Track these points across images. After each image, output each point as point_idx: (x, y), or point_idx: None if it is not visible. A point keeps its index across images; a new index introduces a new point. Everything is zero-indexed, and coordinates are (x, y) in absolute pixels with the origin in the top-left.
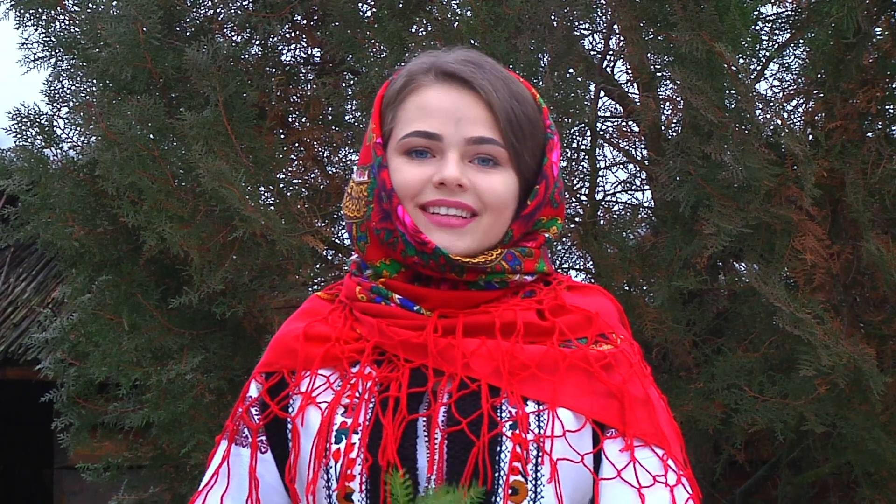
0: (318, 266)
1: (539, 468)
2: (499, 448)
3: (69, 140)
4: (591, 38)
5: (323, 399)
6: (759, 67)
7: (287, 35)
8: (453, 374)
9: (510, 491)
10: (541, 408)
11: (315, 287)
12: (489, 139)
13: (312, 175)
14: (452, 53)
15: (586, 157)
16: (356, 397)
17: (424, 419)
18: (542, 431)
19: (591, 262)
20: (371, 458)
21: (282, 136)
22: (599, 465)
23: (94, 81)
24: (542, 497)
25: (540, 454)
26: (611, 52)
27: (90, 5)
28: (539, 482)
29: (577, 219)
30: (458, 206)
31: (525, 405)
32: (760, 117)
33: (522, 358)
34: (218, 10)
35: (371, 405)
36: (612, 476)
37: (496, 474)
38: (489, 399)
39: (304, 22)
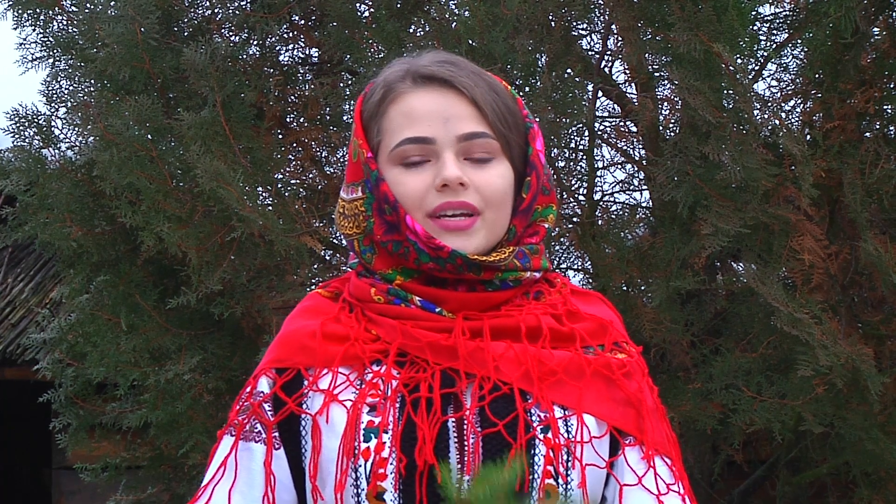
0: (315, 266)
1: (570, 472)
2: (533, 451)
3: (67, 140)
4: (589, 38)
5: (345, 397)
6: (756, 67)
7: (285, 35)
8: (485, 377)
9: (543, 494)
10: (567, 413)
11: (313, 287)
12: (481, 133)
13: (310, 175)
14: (424, 57)
15: (584, 157)
16: (381, 397)
17: (453, 421)
18: (570, 436)
19: (588, 263)
20: (405, 457)
21: (280, 137)
22: (613, 471)
23: (92, 82)
24: (572, 501)
25: (570, 458)
26: (609, 53)
27: (88, 5)
28: (570, 486)
29: (574, 219)
30: (463, 206)
31: (554, 410)
32: (758, 117)
33: (550, 363)
34: (216, 11)
35: (399, 405)
36: (634, 483)
37: (531, 477)
38: (522, 403)
39: (302, 22)
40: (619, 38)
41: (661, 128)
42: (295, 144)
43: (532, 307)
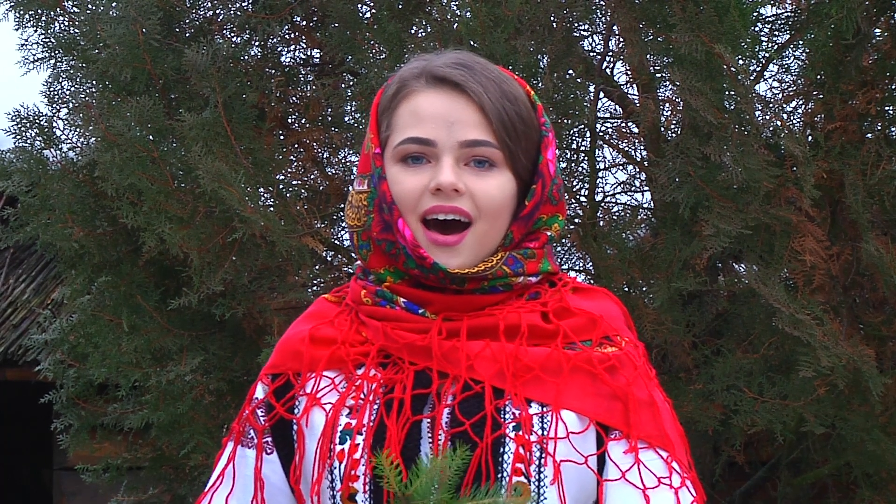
0: (317, 267)
1: (542, 469)
2: (502, 449)
3: (69, 141)
4: (590, 39)
5: (328, 400)
6: (758, 69)
7: (286, 36)
8: (457, 375)
9: (513, 492)
10: (544, 409)
11: (315, 288)
12: (483, 141)
13: (312, 176)
14: (443, 56)
15: (585, 158)
16: (361, 399)
17: (429, 421)
18: (545, 433)
19: (590, 264)
20: (375, 458)
21: (281, 138)
22: (604, 467)
23: (94, 82)
24: (546, 498)
25: (543, 455)
26: (610, 53)
27: (89, 6)
28: (542, 483)
29: (576, 220)
30: (454, 211)
31: (529, 407)
32: (760, 118)
33: (526, 360)
34: (217, 12)
35: (376, 407)
36: (617, 477)
37: (499, 475)
38: (493, 400)
39: (304, 23)
40: (621, 39)
41: (662, 129)
42: (296, 145)
43: (517, 306)
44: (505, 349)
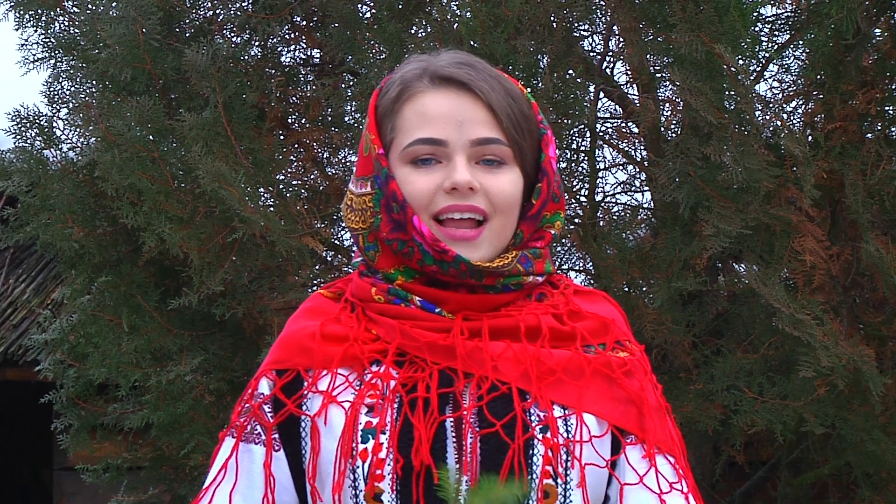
0: (317, 267)
1: (569, 472)
2: (531, 451)
3: (69, 141)
4: (590, 39)
5: (344, 398)
6: (758, 69)
7: (286, 36)
8: (483, 376)
9: (542, 494)
10: (567, 412)
11: (315, 288)
12: (494, 139)
13: (312, 176)
14: (442, 56)
15: (586, 158)
16: (379, 397)
17: (452, 421)
18: (570, 436)
19: (590, 264)
20: (402, 458)
21: (281, 138)
22: (615, 470)
23: (94, 82)
24: (571, 501)
25: (570, 458)
26: (610, 53)
27: (89, 6)
28: (568, 486)
29: (576, 220)
30: (470, 209)
31: (553, 409)
32: (760, 118)
33: (549, 362)
34: (217, 12)
35: (396, 405)
36: (635, 482)
37: (530, 477)
38: (520, 402)
39: (304, 23)
40: (621, 39)
41: (662, 129)
42: (296, 145)
43: (532, 307)
44: (527, 351)
